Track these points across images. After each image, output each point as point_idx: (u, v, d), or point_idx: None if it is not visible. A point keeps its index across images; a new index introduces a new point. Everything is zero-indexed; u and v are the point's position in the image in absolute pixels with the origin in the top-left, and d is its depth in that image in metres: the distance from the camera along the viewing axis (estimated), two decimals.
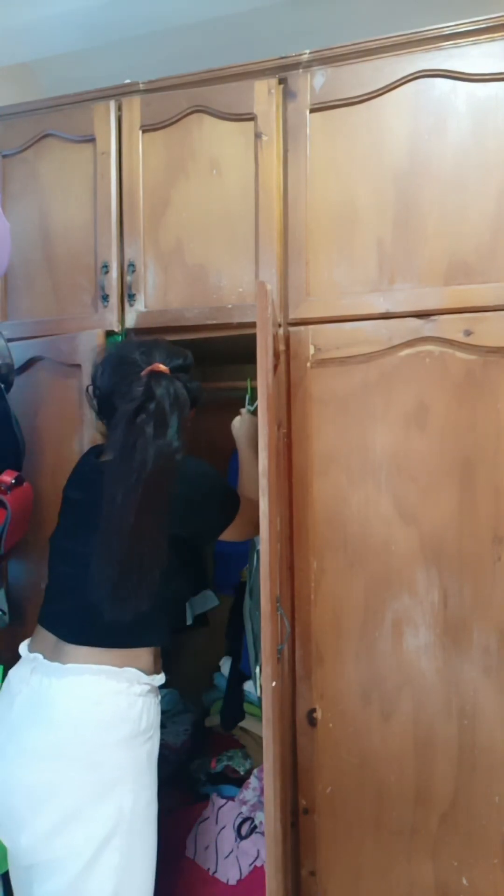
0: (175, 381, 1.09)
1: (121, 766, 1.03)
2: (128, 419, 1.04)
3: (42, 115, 1.53)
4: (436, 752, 1.25)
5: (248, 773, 1.71)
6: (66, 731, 1.01)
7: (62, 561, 1.15)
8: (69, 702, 1.03)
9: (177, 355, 1.16)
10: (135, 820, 1.03)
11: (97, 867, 0.99)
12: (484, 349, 1.22)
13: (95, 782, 1.01)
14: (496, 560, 1.21)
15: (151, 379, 1.07)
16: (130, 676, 1.07)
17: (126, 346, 1.19)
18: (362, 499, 1.28)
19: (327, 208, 1.32)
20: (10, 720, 1.04)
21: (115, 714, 1.03)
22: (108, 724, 1.03)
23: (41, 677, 1.05)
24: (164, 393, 1.06)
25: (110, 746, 1.02)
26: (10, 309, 1.56)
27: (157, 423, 1.04)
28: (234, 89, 1.38)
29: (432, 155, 1.26)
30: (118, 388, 1.10)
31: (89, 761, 1.01)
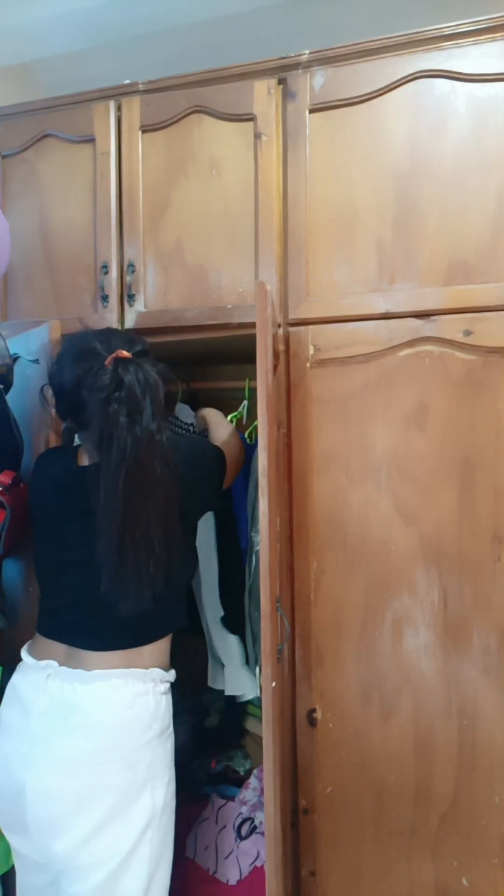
0: (142, 366, 1.05)
1: (153, 763, 1.05)
2: (100, 412, 1.01)
3: (42, 115, 1.53)
4: (436, 752, 1.25)
5: (248, 773, 1.71)
6: (102, 738, 1.01)
7: (61, 572, 1.12)
8: (102, 707, 1.02)
9: (135, 341, 1.12)
10: (164, 811, 1.06)
11: (132, 862, 1.00)
12: (484, 349, 1.22)
13: (131, 782, 1.02)
14: (496, 560, 1.21)
15: (118, 366, 1.03)
16: (155, 676, 1.08)
17: (82, 338, 1.13)
18: (362, 499, 1.28)
19: (327, 208, 1.32)
20: (31, 729, 1.03)
21: (146, 714, 1.05)
22: (142, 726, 1.04)
23: (62, 683, 1.04)
24: (133, 378, 1.02)
25: (144, 746, 1.04)
26: (10, 309, 1.56)
27: (131, 410, 1.01)
28: (233, 89, 1.38)
29: (432, 155, 1.26)
30: (84, 381, 1.05)
31: (125, 763, 1.02)
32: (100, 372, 1.03)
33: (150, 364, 1.08)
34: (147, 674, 1.07)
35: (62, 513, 1.13)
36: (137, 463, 1.00)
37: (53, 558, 1.14)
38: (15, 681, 1.10)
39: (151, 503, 1.02)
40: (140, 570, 1.01)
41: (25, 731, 1.03)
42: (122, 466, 1.00)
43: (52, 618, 1.12)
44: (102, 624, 1.07)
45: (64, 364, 1.10)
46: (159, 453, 1.03)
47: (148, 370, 1.05)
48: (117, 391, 1.01)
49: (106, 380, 1.02)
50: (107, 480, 1.01)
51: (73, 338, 1.16)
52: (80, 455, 1.16)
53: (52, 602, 1.14)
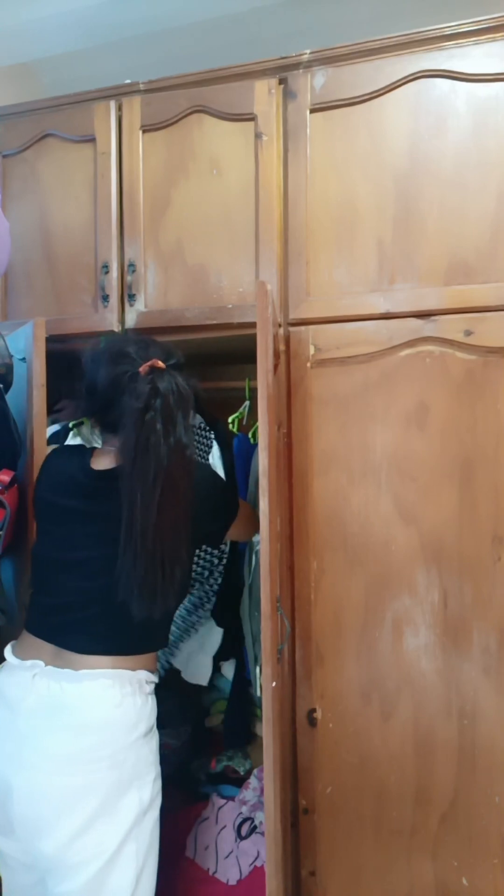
0: (177, 377, 1.08)
1: (139, 761, 1.06)
2: (137, 419, 1.03)
3: (42, 115, 1.52)
4: (436, 752, 1.25)
5: (248, 773, 1.71)
6: (91, 736, 1.02)
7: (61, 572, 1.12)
8: (91, 706, 1.03)
9: (171, 354, 1.14)
10: (151, 807, 1.07)
11: (120, 859, 1.01)
12: (484, 349, 1.22)
13: (118, 780, 1.02)
14: (496, 560, 1.21)
15: (154, 375, 1.05)
16: (142, 678, 1.10)
17: (119, 341, 1.16)
18: (362, 499, 1.28)
19: (327, 208, 1.32)
20: (19, 728, 1.03)
21: (133, 714, 1.06)
22: (129, 725, 1.05)
23: (50, 682, 1.04)
24: (169, 389, 1.05)
25: (131, 744, 1.05)
26: (10, 309, 1.56)
27: (166, 421, 1.03)
28: (234, 89, 1.38)
29: (433, 155, 1.26)
30: (119, 384, 1.07)
31: (113, 761, 1.02)
32: (136, 377, 1.06)
33: (182, 377, 1.10)
34: (134, 675, 1.08)
35: (71, 513, 1.13)
36: (171, 473, 1.03)
37: (55, 557, 1.14)
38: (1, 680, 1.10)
39: (179, 514, 1.04)
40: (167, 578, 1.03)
41: (12, 730, 1.03)
42: (160, 475, 1.02)
43: (44, 616, 1.12)
44: (95, 628, 1.07)
45: (100, 364, 1.12)
46: (188, 467, 1.06)
47: (181, 382, 1.08)
48: (154, 399, 1.03)
49: (144, 387, 1.04)
50: (143, 487, 1.02)
51: (110, 340, 1.20)
52: (96, 458, 1.16)
53: (46, 600, 1.13)
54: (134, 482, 1.02)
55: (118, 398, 1.07)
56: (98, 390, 1.12)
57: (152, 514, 1.01)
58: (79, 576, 1.09)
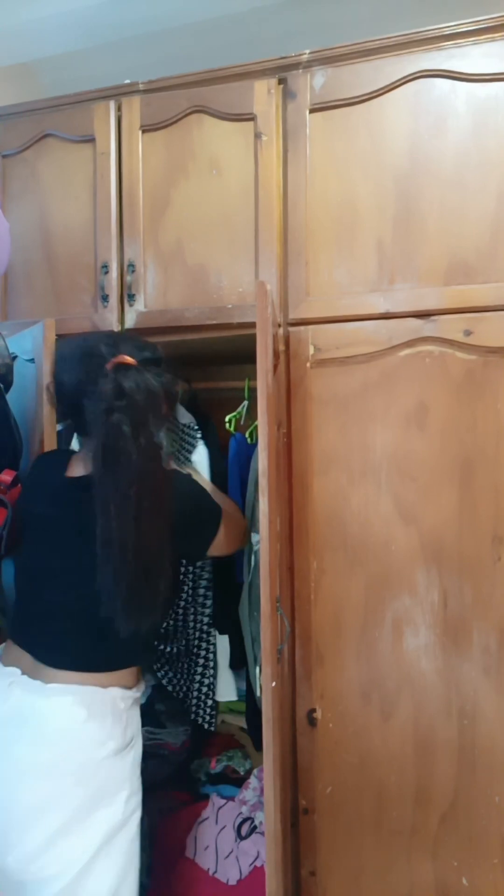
0: (144, 374, 1.01)
1: (110, 778, 1.03)
2: (102, 421, 0.97)
3: (42, 115, 1.53)
4: (436, 752, 1.25)
5: (248, 773, 1.71)
6: (54, 749, 1.00)
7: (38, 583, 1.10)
8: (55, 721, 1.01)
9: (145, 348, 1.08)
10: (123, 826, 1.03)
11: (89, 877, 0.98)
12: (484, 349, 1.22)
13: (86, 796, 1.00)
14: (496, 560, 1.21)
15: (118, 372, 0.99)
16: (115, 695, 1.06)
17: (91, 338, 1.10)
18: (362, 499, 1.28)
19: (327, 208, 1.32)
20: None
21: (102, 731, 1.03)
22: (97, 741, 1.02)
23: (22, 693, 1.02)
24: (134, 386, 0.98)
25: (99, 762, 1.02)
26: (10, 309, 1.56)
27: (133, 421, 0.97)
28: (233, 89, 1.38)
29: (432, 155, 1.26)
30: (84, 386, 1.02)
31: (77, 778, 1.00)
32: (100, 377, 0.99)
33: (154, 373, 1.04)
34: (105, 693, 1.05)
35: (48, 522, 1.09)
36: (145, 478, 0.96)
37: (34, 567, 1.11)
38: None
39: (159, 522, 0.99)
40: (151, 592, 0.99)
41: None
42: (133, 482, 0.96)
43: (24, 625, 1.10)
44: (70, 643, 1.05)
45: (66, 365, 1.08)
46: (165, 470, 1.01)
47: (149, 379, 1.01)
48: (118, 399, 0.97)
49: (107, 387, 0.97)
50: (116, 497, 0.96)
51: (80, 338, 1.13)
52: (71, 464, 1.12)
53: (27, 609, 1.11)
54: (107, 491, 0.96)
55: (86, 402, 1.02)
56: (66, 392, 1.07)
57: (129, 526, 0.96)
58: (56, 588, 1.06)
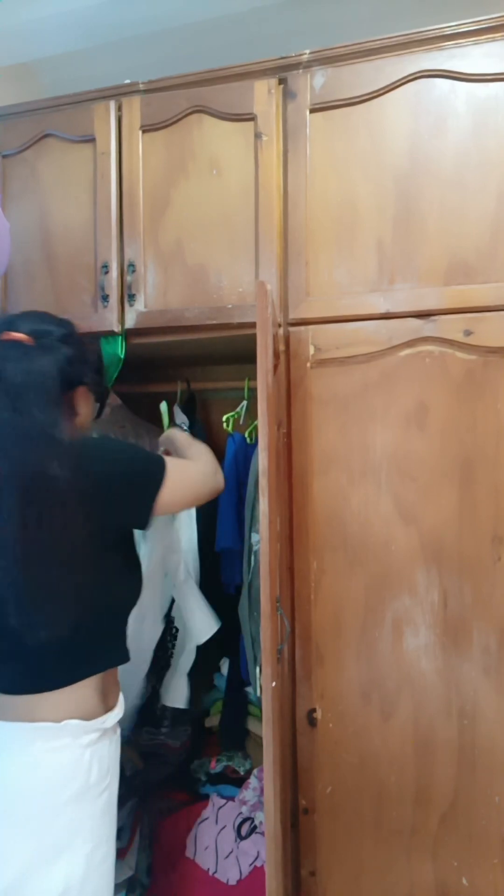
0: (33, 352, 0.90)
1: (72, 825, 0.91)
2: None
3: (42, 115, 1.52)
4: (436, 752, 1.25)
5: (248, 773, 1.71)
6: (7, 796, 0.89)
7: None
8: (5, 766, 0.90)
9: (49, 323, 0.97)
10: (88, 878, 0.91)
11: None
12: (484, 349, 1.22)
13: (44, 847, 0.89)
14: (496, 560, 1.21)
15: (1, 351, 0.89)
16: (71, 730, 0.92)
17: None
18: (362, 499, 1.28)
19: (327, 208, 1.32)
20: None
21: (57, 773, 0.91)
22: (52, 785, 0.90)
23: None
24: (15, 366, 0.88)
25: (59, 806, 0.90)
26: (10, 309, 1.56)
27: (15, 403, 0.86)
28: (234, 89, 1.38)
29: (433, 155, 1.26)
30: None
31: (36, 825, 0.89)
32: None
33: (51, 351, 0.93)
34: (60, 729, 0.91)
35: None
36: (28, 463, 0.85)
37: None
38: None
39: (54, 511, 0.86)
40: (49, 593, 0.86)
41: None
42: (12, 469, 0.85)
43: None
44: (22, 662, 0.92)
45: None
46: (56, 451, 0.87)
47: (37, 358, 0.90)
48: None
49: None
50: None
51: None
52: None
53: None
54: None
55: None
56: None
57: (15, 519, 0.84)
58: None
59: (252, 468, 1.56)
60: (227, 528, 1.61)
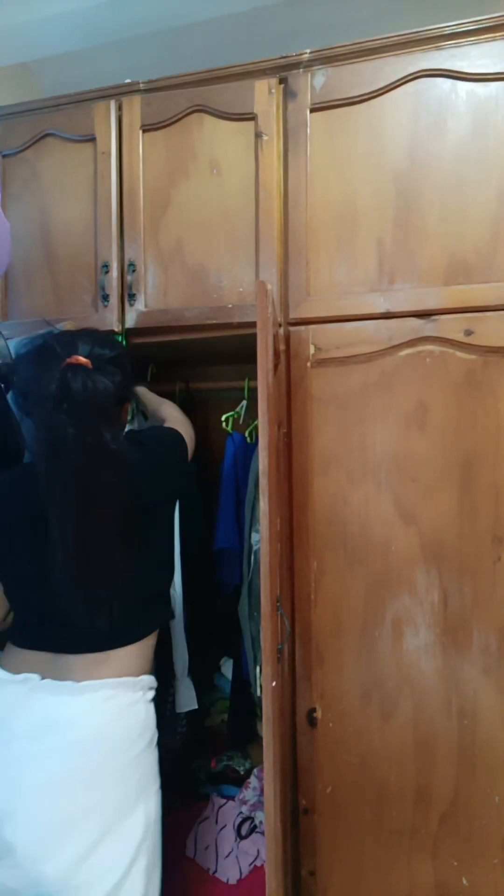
0: (95, 375, 0.98)
1: (145, 774, 1.04)
2: (46, 421, 0.95)
3: (42, 115, 1.52)
4: (436, 752, 1.25)
5: (248, 773, 1.71)
6: (94, 753, 0.98)
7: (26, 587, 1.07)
8: (94, 721, 0.99)
9: (103, 345, 1.06)
10: (157, 819, 1.05)
11: (129, 877, 0.98)
12: (484, 349, 1.22)
13: (125, 795, 1.00)
14: (496, 560, 1.21)
15: (68, 373, 0.96)
16: (145, 684, 1.07)
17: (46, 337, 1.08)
18: (362, 499, 1.28)
19: (327, 208, 1.32)
20: (14, 751, 0.97)
21: (137, 725, 1.03)
22: (133, 737, 1.02)
23: (47, 696, 0.99)
24: (81, 388, 0.95)
25: (135, 757, 1.02)
26: (10, 309, 1.56)
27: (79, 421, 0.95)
28: (234, 89, 1.38)
29: (432, 155, 1.26)
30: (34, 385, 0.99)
31: (119, 776, 1.00)
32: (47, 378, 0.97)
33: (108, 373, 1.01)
34: (137, 682, 1.05)
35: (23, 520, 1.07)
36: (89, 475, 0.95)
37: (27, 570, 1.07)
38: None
39: (108, 516, 0.97)
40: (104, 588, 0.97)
41: (6, 753, 0.98)
42: (73, 481, 0.94)
43: (36, 627, 1.07)
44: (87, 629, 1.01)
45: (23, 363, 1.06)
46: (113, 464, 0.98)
47: (99, 379, 0.98)
48: (63, 401, 0.95)
49: (52, 388, 0.95)
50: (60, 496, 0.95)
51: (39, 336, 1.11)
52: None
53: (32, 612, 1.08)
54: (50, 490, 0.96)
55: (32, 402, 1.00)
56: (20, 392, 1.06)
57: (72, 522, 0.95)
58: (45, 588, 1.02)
59: (252, 468, 1.56)
60: (227, 527, 1.61)
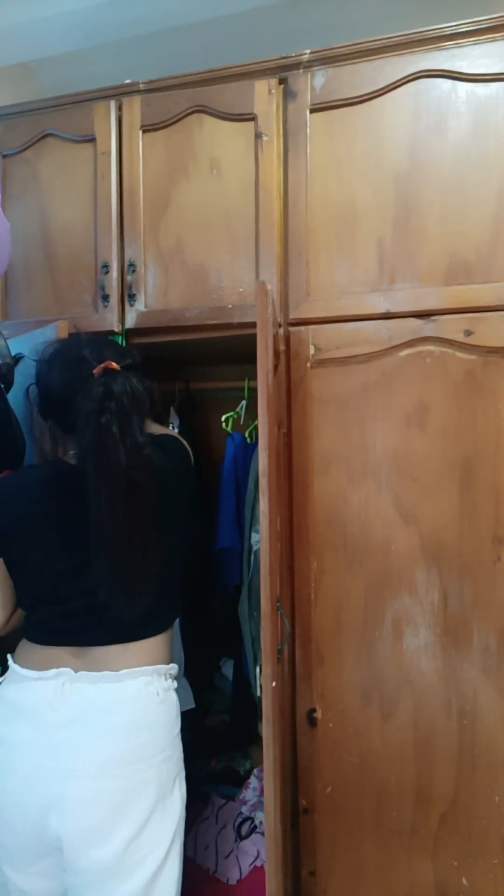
0: (130, 378, 1.05)
1: (181, 756, 1.11)
2: (93, 422, 1.00)
3: (42, 115, 1.52)
4: (436, 751, 1.25)
5: (248, 773, 1.71)
6: (143, 734, 1.03)
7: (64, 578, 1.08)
8: (139, 704, 1.04)
9: (126, 355, 1.13)
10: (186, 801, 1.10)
11: (170, 855, 1.03)
12: (484, 349, 1.22)
13: (168, 776, 1.05)
14: (496, 560, 1.22)
15: (106, 376, 1.03)
16: (173, 672, 1.13)
17: (73, 343, 1.14)
18: (362, 499, 1.28)
19: (327, 208, 1.32)
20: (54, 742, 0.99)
21: (174, 710, 1.09)
22: (171, 720, 1.08)
23: (86, 686, 1.02)
24: (123, 391, 1.02)
25: (174, 739, 1.08)
26: (10, 309, 1.56)
27: (121, 422, 1.01)
28: (234, 89, 1.38)
29: (433, 155, 1.26)
30: (72, 387, 1.05)
31: (163, 757, 1.04)
32: (90, 380, 1.03)
33: (137, 378, 1.07)
34: (168, 669, 1.11)
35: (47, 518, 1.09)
36: (131, 475, 1.01)
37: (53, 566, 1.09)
38: (11, 696, 1.05)
39: (145, 514, 1.03)
40: (140, 580, 1.02)
41: (45, 746, 1.00)
42: (120, 479, 1.00)
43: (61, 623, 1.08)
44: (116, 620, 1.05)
45: (54, 367, 1.10)
46: (147, 467, 1.04)
47: (136, 384, 1.05)
48: (108, 402, 1.01)
49: (98, 390, 1.01)
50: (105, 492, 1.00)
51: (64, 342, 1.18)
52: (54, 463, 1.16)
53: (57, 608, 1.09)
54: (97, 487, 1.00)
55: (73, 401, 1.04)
56: (53, 394, 1.10)
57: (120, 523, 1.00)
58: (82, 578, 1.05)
59: (252, 468, 1.56)
60: (227, 527, 1.61)
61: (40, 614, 1.11)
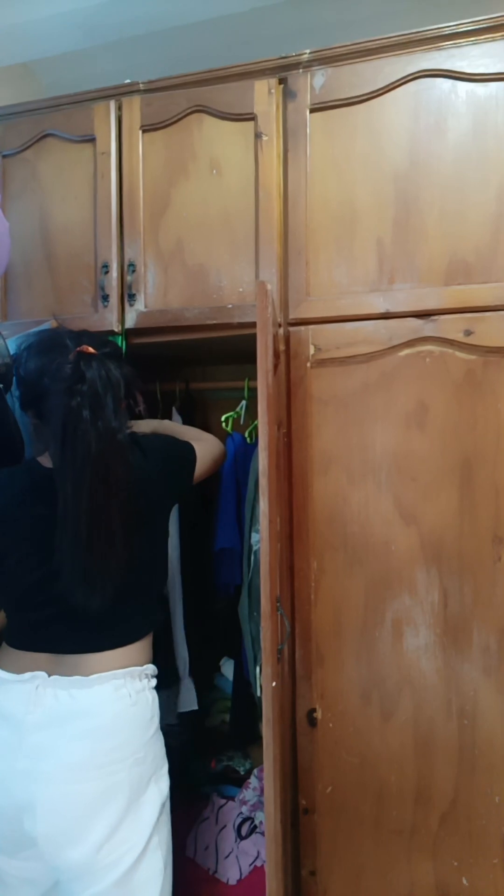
0: (107, 364, 1.04)
1: (156, 756, 1.09)
2: (63, 404, 0.99)
3: (42, 115, 1.52)
4: (436, 751, 1.25)
5: (248, 773, 1.71)
6: (113, 738, 1.02)
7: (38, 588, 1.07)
8: (109, 708, 1.03)
9: (106, 344, 1.13)
10: (167, 799, 1.10)
11: (147, 853, 1.02)
12: (484, 349, 1.22)
13: (141, 776, 1.04)
14: (496, 560, 1.22)
15: (81, 359, 1.02)
16: (149, 672, 1.12)
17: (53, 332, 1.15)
18: (362, 499, 1.28)
19: (327, 208, 1.32)
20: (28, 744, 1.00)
21: (147, 711, 1.08)
22: (145, 722, 1.07)
23: (58, 690, 1.02)
24: (96, 374, 1.01)
25: (148, 741, 1.07)
26: (10, 309, 1.56)
27: (93, 406, 1.00)
28: (234, 89, 1.38)
29: (432, 155, 1.26)
30: (46, 370, 1.04)
31: (135, 759, 1.04)
32: (63, 363, 1.02)
33: (115, 364, 1.06)
34: (142, 671, 1.10)
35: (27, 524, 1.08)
36: (101, 459, 1.00)
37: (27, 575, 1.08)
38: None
39: (113, 500, 1.02)
40: (103, 566, 1.01)
41: (19, 748, 1.00)
42: (88, 462, 0.99)
43: (34, 630, 1.08)
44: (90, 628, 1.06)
45: (31, 354, 1.11)
46: (120, 452, 1.03)
47: (111, 368, 1.04)
48: (79, 384, 0.99)
49: (68, 370, 1.00)
50: (73, 474, 0.99)
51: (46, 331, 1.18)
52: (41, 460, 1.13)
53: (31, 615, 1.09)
54: (63, 469, 1.00)
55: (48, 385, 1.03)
56: (28, 380, 1.10)
57: (86, 503, 0.99)
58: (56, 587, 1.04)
59: (252, 468, 1.56)
60: (227, 527, 1.61)
61: (17, 620, 1.12)
